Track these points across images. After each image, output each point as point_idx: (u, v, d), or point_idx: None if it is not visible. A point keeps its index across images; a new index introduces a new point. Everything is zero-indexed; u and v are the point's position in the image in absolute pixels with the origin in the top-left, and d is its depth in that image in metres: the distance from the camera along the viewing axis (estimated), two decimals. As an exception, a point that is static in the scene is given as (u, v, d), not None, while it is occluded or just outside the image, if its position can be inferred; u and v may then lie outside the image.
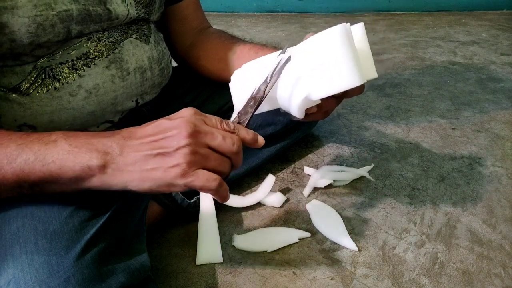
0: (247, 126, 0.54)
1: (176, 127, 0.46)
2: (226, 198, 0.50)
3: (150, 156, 0.45)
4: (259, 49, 0.75)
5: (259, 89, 0.55)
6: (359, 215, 0.78)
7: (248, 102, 0.55)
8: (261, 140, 0.53)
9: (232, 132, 0.49)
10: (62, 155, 0.45)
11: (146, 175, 0.45)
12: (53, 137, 0.46)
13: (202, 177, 0.45)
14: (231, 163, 0.49)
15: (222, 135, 0.47)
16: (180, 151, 0.45)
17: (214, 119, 0.49)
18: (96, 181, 0.46)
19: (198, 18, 0.83)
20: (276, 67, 0.56)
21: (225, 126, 0.49)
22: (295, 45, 0.59)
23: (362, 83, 0.53)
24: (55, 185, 0.46)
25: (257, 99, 0.55)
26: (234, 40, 0.80)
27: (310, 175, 0.88)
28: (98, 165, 0.45)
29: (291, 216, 0.78)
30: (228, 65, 0.78)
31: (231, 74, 0.79)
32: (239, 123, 0.54)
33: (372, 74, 0.59)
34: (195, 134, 0.45)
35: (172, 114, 0.48)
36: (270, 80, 0.55)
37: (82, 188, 0.47)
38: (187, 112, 0.48)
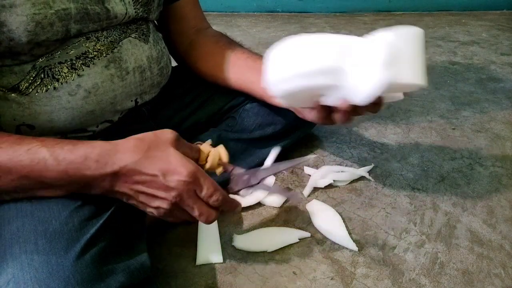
0: (233, 192, 0.61)
1: (166, 191, 0.50)
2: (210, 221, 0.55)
3: (135, 199, 0.52)
4: (257, 59, 0.75)
5: (257, 174, 0.60)
6: (359, 215, 0.78)
7: (243, 175, 0.60)
8: (239, 208, 0.60)
9: (216, 207, 0.54)
10: (58, 181, 0.49)
11: (130, 203, 0.54)
12: (41, 156, 0.48)
13: (178, 219, 0.55)
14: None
15: (199, 212, 0.53)
16: (158, 209, 0.52)
17: (205, 191, 0.52)
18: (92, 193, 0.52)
19: (196, 18, 0.83)
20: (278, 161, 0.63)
21: (212, 202, 0.53)
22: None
23: (424, 85, 0.56)
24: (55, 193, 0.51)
25: (250, 182, 0.60)
26: (232, 46, 0.80)
27: (310, 175, 0.87)
28: (96, 193, 0.52)
29: (291, 216, 0.78)
30: (223, 72, 0.78)
31: (226, 80, 0.80)
32: (224, 171, 0.60)
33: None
34: (178, 203, 0.52)
35: (173, 165, 0.50)
36: (269, 170, 0.62)
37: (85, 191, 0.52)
38: (184, 178, 0.50)
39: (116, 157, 0.49)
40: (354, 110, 0.59)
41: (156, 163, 0.50)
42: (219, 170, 0.59)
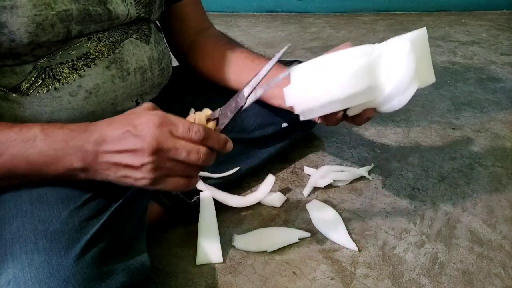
0: (223, 130, 0.53)
1: (139, 143, 0.47)
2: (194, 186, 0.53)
3: (120, 166, 0.48)
4: (255, 58, 0.75)
5: (242, 94, 0.53)
6: (359, 215, 0.78)
7: (229, 104, 0.53)
8: (229, 145, 0.53)
9: (201, 142, 0.49)
10: (43, 157, 0.48)
11: (121, 180, 0.50)
12: (31, 134, 0.48)
13: (170, 184, 0.50)
14: (200, 168, 0.51)
15: (187, 151, 0.48)
16: (144, 167, 0.48)
17: (181, 128, 0.49)
18: (80, 177, 0.50)
19: (198, 18, 0.83)
20: (266, 74, 0.53)
21: (193, 136, 0.49)
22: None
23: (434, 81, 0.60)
24: (42, 177, 0.50)
25: (238, 104, 0.53)
26: (232, 46, 0.80)
27: (310, 175, 0.88)
28: (80, 167, 0.49)
29: (291, 216, 0.78)
30: (222, 72, 0.78)
31: (225, 80, 0.80)
32: (217, 124, 0.53)
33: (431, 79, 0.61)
34: (158, 151, 0.47)
35: (138, 119, 0.48)
36: (255, 87, 0.53)
37: (70, 179, 0.51)
38: (152, 124, 0.47)
39: (95, 127, 0.50)
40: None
41: (126, 122, 0.49)
42: (211, 124, 0.54)
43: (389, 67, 0.56)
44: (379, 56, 0.57)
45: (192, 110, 0.56)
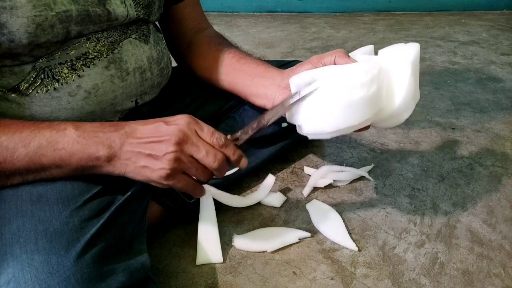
0: (241, 146, 0.57)
1: (169, 133, 0.52)
2: (200, 195, 0.58)
3: (142, 155, 0.52)
4: (242, 58, 0.75)
5: (264, 117, 0.58)
6: (359, 215, 0.78)
7: (251, 124, 0.58)
8: (244, 162, 0.57)
9: (220, 148, 0.54)
10: (71, 144, 0.50)
11: (139, 171, 0.53)
12: (62, 126, 0.51)
13: (182, 182, 0.54)
14: (212, 174, 0.55)
15: (206, 150, 0.53)
16: (166, 156, 0.51)
17: (206, 130, 0.54)
18: (100, 169, 0.52)
19: (196, 19, 0.83)
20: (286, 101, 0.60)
21: (214, 141, 0.54)
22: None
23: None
24: (62, 169, 0.51)
25: (259, 125, 0.58)
26: (221, 46, 0.79)
27: (310, 175, 0.88)
28: (105, 156, 0.51)
29: (291, 216, 0.78)
30: (213, 73, 0.78)
31: (217, 81, 0.81)
32: (236, 139, 0.57)
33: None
34: (182, 143, 0.52)
35: (171, 117, 0.54)
36: (278, 111, 0.59)
37: (86, 173, 0.53)
38: (183, 120, 0.53)
39: (129, 123, 0.54)
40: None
41: (159, 119, 0.54)
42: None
43: (391, 89, 0.59)
44: (379, 73, 0.57)
45: None
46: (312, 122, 0.59)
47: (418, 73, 0.61)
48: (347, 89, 0.56)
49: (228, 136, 0.56)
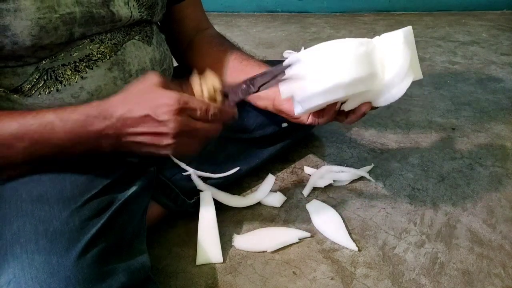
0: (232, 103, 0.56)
1: (162, 128, 0.51)
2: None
3: (143, 145, 0.53)
4: (244, 59, 0.75)
5: (256, 80, 0.55)
6: (359, 215, 0.78)
7: (240, 86, 0.56)
8: (235, 116, 0.57)
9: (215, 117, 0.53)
10: (66, 140, 0.52)
11: (144, 152, 0.54)
12: (47, 119, 0.51)
13: (184, 147, 0.54)
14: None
15: (206, 131, 0.53)
16: (168, 147, 0.52)
17: (199, 111, 0.52)
18: (106, 150, 0.54)
19: (196, 19, 0.83)
20: (279, 68, 0.55)
21: (213, 118, 0.53)
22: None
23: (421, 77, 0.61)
24: (67, 155, 0.53)
25: (250, 90, 0.55)
26: (223, 47, 0.79)
27: (310, 175, 0.88)
28: (105, 147, 0.53)
29: (291, 216, 0.78)
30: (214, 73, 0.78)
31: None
32: (226, 95, 0.56)
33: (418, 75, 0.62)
34: (180, 134, 0.51)
35: (156, 103, 0.51)
36: (269, 82, 0.55)
37: (96, 151, 0.54)
38: (172, 111, 0.50)
39: (111, 110, 0.51)
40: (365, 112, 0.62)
41: (144, 104, 0.51)
42: (218, 99, 0.56)
43: (385, 59, 0.58)
44: (374, 48, 0.58)
45: (196, 74, 0.56)
46: (303, 87, 0.58)
47: (414, 51, 0.60)
48: (337, 50, 0.56)
49: (217, 96, 0.55)
